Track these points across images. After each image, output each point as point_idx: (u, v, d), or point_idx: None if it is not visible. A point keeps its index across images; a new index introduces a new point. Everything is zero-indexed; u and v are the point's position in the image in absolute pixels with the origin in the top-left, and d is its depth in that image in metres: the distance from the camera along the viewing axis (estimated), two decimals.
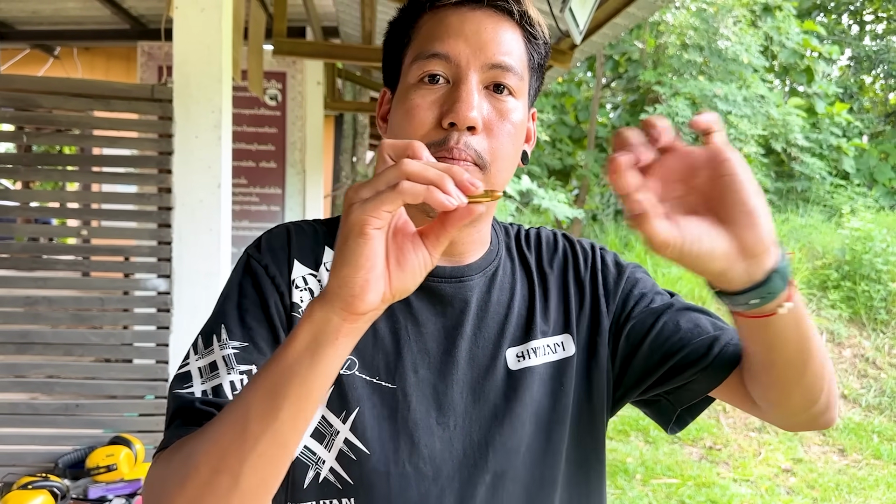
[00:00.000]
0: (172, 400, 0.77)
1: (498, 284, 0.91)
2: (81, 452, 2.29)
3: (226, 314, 0.81)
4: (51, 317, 2.43)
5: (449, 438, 0.83)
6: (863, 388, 6.28)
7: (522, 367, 0.88)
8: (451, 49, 0.80)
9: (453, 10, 0.82)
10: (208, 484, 0.63)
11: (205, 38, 2.32)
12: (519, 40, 0.84)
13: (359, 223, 0.57)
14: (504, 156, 0.82)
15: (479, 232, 0.90)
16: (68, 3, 5.57)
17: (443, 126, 0.79)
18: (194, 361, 0.79)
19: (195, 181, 2.35)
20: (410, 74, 0.83)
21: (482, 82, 0.81)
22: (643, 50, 11.24)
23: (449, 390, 0.84)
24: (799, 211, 9.37)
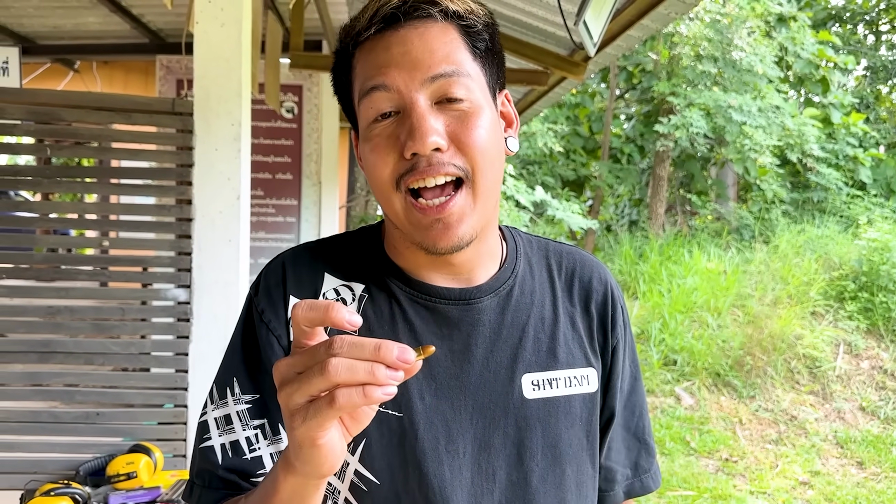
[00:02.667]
0: (198, 454, 0.83)
1: (513, 306, 0.88)
2: (102, 460, 2.32)
3: (235, 366, 0.84)
4: (72, 326, 2.46)
5: (459, 467, 0.82)
6: (881, 401, 6.22)
7: (540, 397, 0.85)
8: (387, 78, 0.78)
9: (377, 38, 0.80)
10: None
11: (224, 53, 2.36)
12: (452, 39, 0.80)
13: (308, 441, 0.59)
14: (484, 158, 0.79)
15: (485, 245, 0.87)
16: (89, 18, 5.66)
17: (406, 157, 0.77)
18: (211, 412, 0.84)
19: (215, 193, 2.38)
20: (361, 116, 0.81)
21: (431, 98, 0.78)
22: (657, 61, 11.24)
23: (458, 416, 0.82)
24: (815, 222, 9.31)
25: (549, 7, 3.69)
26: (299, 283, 0.85)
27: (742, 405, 6.08)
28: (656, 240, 9.10)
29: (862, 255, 7.49)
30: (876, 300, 7.02)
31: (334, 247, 0.90)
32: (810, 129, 9.88)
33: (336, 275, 0.87)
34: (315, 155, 5.99)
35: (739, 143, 9.45)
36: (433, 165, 0.76)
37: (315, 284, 0.86)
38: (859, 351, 6.71)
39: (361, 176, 10.59)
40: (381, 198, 0.81)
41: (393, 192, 0.79)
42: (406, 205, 0.79)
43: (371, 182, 0.82)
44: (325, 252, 0.89)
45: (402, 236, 0.83)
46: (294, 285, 0.85)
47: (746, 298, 7.11)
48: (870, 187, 10.88)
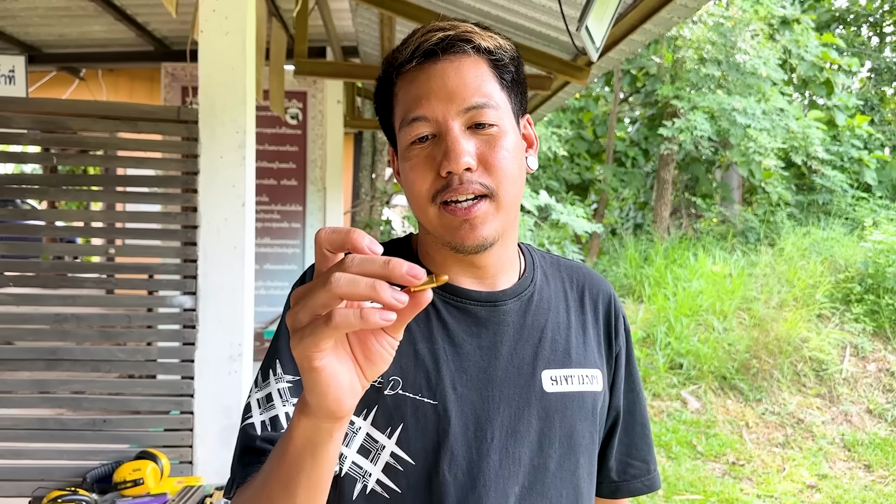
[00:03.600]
0: (240, 434, 0.89)
1: (533, 309, 0.98)
2: (109, 467, 2.33)
3: (279, 351, 0.91)
4: (78, 334, 2.48)
5: (486, 451, 0.90)
6: (888, 403, 6.19)
7: (557, 391, 0.95)
8: (427, 110, 0.88)
9: (418, 70, 0.90)
10: None
11: (229, 61, 2.38)
12: (483, 72, 0.90)
13: (306, 360, 0.60)
14: (507, 177, 0.89)
15: (504, 253, 0.97)
16: (94, 27, 5.70)
17: (441, 175, 0.88)
18: (254, 394, 0.91)
19: (220, 200, 2.39)
20: (402, 139, 0.92)
21: (464, 125, 0.89)
22: (661, 64, 11.24)
23: (486, 405, 0.91)
24: (820, 224, 9.29)
25: (551, 12, 3.70)
26: None
27: (748, 408, 6.06)
28: (661, 243, 9.09)
29: (868, 258, 7.47)
30: (882, 302, 6.99)
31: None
32: (815, 131, 9.86)
33: None
34: (320, 161, 6.01)
35: (744, 146, 9.44)
36: (464, 184, 0.87)
37: None
38: (866, 353, 6.68)
39: (366, 181, 10.61)
40: (418, 209, 0.91)
41: (429, 205, 0.90)
42: (439, 212, 0.89)
43: (409, 195, 0.92)
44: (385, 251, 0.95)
45: (435, 241, 0.94)
46: None
47: (752, 301, 7.09)
48: (875, 189, 10.84)
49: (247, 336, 2.47)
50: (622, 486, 1.08)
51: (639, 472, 1.09)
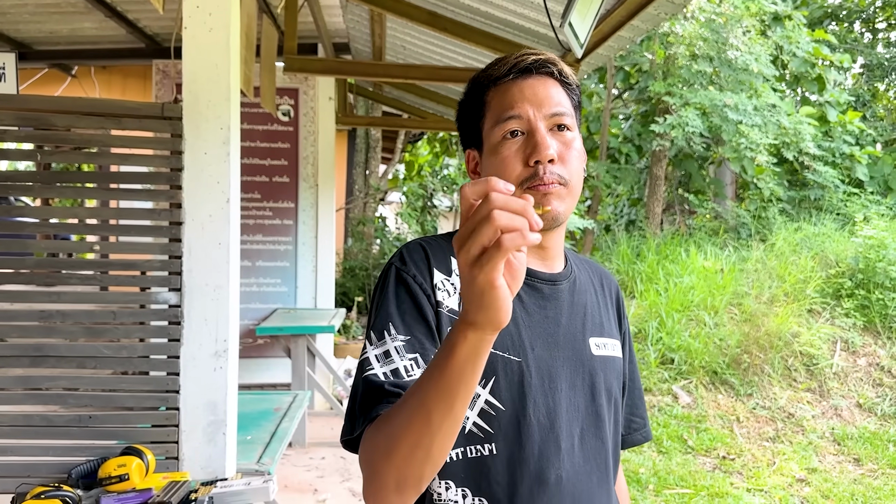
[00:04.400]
0: (363, 382, 1.02)
1: (578, 290, 1.21)
2: (94, 463, 2.34)
3: (391, 314, 1.06)
4: (64, 330, 2.48)
5: (558, 399, 1.11)
6: (878, 398, 6.22)
7: (602, 354, 1.18)
8: (521, 110, 1.10)
9: (512, 83, 1.12)
10: (409, 456, 0.88)
11: (213, 57, 2.38)
12: (561, 90, 1.13)
13: (488, 281, 0.75)
14: (576, 173, 1.12)
15: (561, 239, 1.21)
16: (84, 24, 5.69)
17: (529, 164, 1.08)
18: (371, 350, 1.05)
19: (205, 196, 2.40)
20: (494, 135, 1.12)
21: (547, 127, 1.10)
22: (653, 61, 11.25)
23: (555, 363, 1.12)
24: (812, 219, 9.31)
25: (539, 8, 3.71)
26: (438, 260, 1.12)
27: (739, 403, 6.08)
28: (653, 239, 9.11)
29: (858, 253, 7.50)
30: (872, 297, 7.02)
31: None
32: (807, 127, 9.87)
33: None
34: (312, 158, 6.01)
35: (736, 142, 9.45)
36: (547, 174, 1.07)
37: (448, 263, 1.12)
38: (856, 348, 6.71)
39: (360, 178, 10.59)
40: None
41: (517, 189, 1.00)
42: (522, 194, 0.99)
43: None
44: (447, 243, 1.15)
45: None
46: (434, 261, 1.12)
47: (743, 297, 7.12)
48: (867, 185, 10.86)
49: (232, 332, 2.47)
50: (626, 438, 1.32)
51: (638, 426, 1.34)
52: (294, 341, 5.11)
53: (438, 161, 14.32)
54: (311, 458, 4.81)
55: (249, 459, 2.67)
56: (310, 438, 5.06)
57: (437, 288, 1.10)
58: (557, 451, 1.09)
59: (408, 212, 9.14)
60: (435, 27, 4.08)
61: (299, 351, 5.10)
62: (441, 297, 1.09)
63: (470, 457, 1.07)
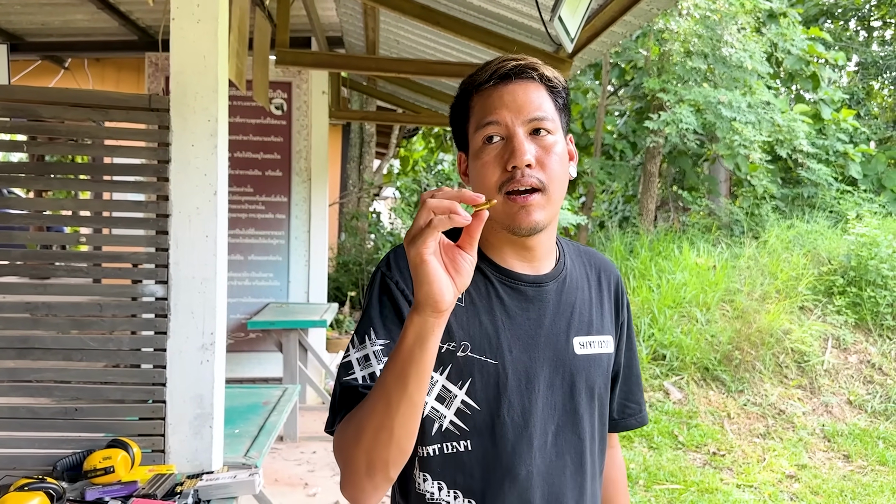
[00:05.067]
0: (340, 385, 1.10)
1: (567, 289, 1.24)
2: (79, 456, 2.32)
3: (372, 319, 1.13)
4: (50, 323, 2.47)
5: (534, 399, 1.16)
6: (868, 395, 6.25)
7: (585, 353, 1.22)
8: (499, 116, 1.13)
9: (493, 88, 1.15)
10: (374, 439, 0.96)
11: (201, 49, 2.37)
12: (543, 94, 1.15)
13: (417, 255, 0.87)
14: (556, 177, 1.13)
15: (548, 241, 1.22)
16: (76, 16, 5.66)
17: (507, 169, 1.11)
18: (353, 354, 1.12)
19: (191, 189, 2.39)
20: (475, 140, 1.16)
21: (527, 132, 1.12)
22: (648, 57, 11.25)
23: (534, 364, 1.17)
24: (805, 217, 9.33)
25: (532, 3, 3.70)
26: None
27: (730, 399, 6.10)
28: (647, 236, 9.12)
29: (850, 251, 7.52)
30: (864, 295, 7.04)
31: None
32: (800, 125, 9.88)
33: None
34: (305, 152, 5.99)
35: (729, 139, 9.45)
36: (525, 177, 1.10)
37: None
38: (847, 345, 6.74)
39: (354, 173, 10.58)
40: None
41: (496, 194, 1.12)
42: (503, 201, 1.12)
43: (479, 186, 1.15)
44: None
45: (494, 226, 1.16)
46: None
47: (735, 293, 7.13)
48: (860, 183, 10.89)
49: (219, 326, 2.47)
50: (620, 422, 1.38)
51: (633, 412, 1.39)
52: (286, 336, 5.10)
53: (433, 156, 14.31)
54: (302, 452, 4.81)
55: (237, 453, 2.67)
56: (301, 433, 5.06)
57: None
58: (530, 448, 1.15)
59: (402, 207, 9.13)
60: (428, 21, 4.07)
61: (291, 345, 5.09)
62: None
63: (447, 453, 1.15)
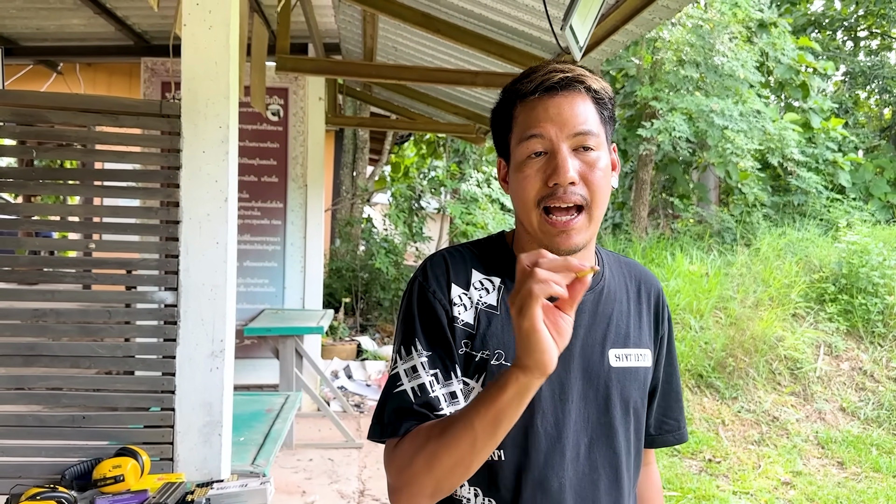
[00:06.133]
0: (392, 399, 1.10)
1: (604, 300, 1.22)
2: (88, 464, 2.31)
3: (416, 330, 1.13)
4: (57, 329, 2.45)
5: (568, 410, 1.15)
6: (861, 401, 6.30)
7: (621, 366, 1.19)
8: (544, 130, 1.10)
9: (538, 99, 1.11)
10: (451, 471, 1.00)
11: (212, 55, 2.36)
12: (589, 106, 1.12)
13: (530, 325, 0.88)
14: (599, 193, 1.11)
15: (588, 253, 1.19)
16: (73, 20, 5.62)
17: (549, 185, 1.09)
18: (401, 365, 1.12)
19: (202, 195, 2.38)
20: (518, 152, 1.13)
21: (571, 147, 1.09)
22: (640, 66, 11.32)
23: (568, 375, 1.15)
24: (796, 225, 9.41)
25: (535, 12, 3.72)
26: (457, 274, 1.16)
27: (725, 406, 6.13)
28: (639, 243, 9.16)
29: (841, 258, 7.59)
30: (855, 302, 7.11)
31: (475, 250, 1.23)
32: (791, 133, 9.98)
33: (480, 270, 1.19)
34: (301, 158, 5.98)
35: (721, 147, 9.53)
36: (567, 194, 1.08)
37: (467, 276, 1.17)
38: (839, 352, 6.79)
39: (347, 178, 10.56)
40: (523, 211, 1.14)
41: (534, 209, 1.11)
42: (541, 219, 1.11)
43: (518, 199, 1.14)
44: (470, 253, 1.20)
45: (532, 240, 1.15)
46: (454, 275, 1.16)
47: (728, 301, 7.17)
48: (849, 191, 11.01)
49: (229, 333, 2.46)
50: (657, 438, 1.35)
51: (671, 429, 1.35)
52: (282, 342, 5.08)
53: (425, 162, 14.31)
54: (299, 459, 4.79)
55: (243, 461, 2.65)
56: (297, 440, 5.03)
57: (454, 303, 1.14)
58: (562, 460, 1.14)
59: (395, 213, 9.13)
60: (428, 28, 4.08)
61: (287, 352, 5.07)
62: (457, 312, 1.14)
63: None
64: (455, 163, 11.97)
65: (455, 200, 10.23)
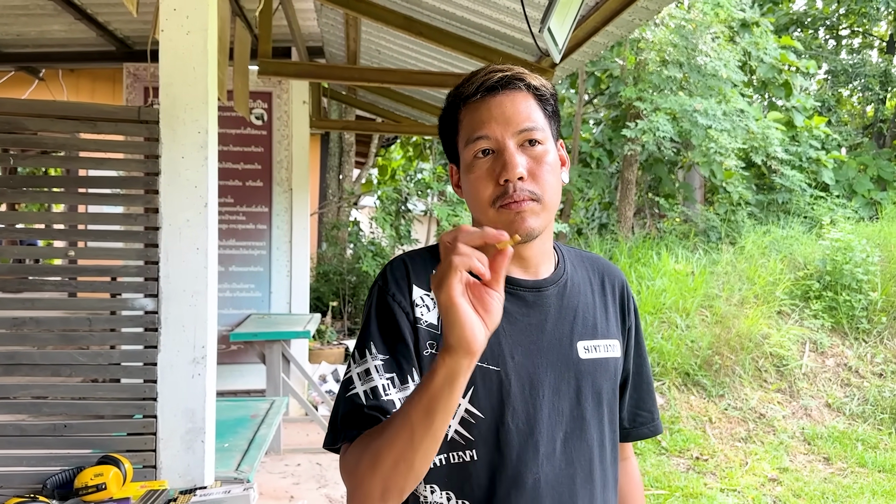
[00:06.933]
0: (344, 403, 1.09)
1: (568, 293, 1.22)
2: (70, 473, 2.29)
3: (371, 334, 1.12)
4: (38, 338, 2.43)
5: (539, 405, 1.14)
6: (846, 397, 6.35)
7: (590, 358, 1.20)
8: (489, 130, 1.12)
9: (481, 101, 1.13)
10: (394, 468, 0.97)
11: (190, 60, 2.36)
12: (532, 103, 1.14)
13: (447, 299, 0.87)
14: (550, 186, 1.13)
15: (543, 246, 1.20)
16: (53, 26, 5.59)
17: (500, 183, 1.10)
18: (354, 369, 1.11)
19: (182, 201, 2.37)
20: (466, 154, 1.15)
21: (517, 143, 1.11)
22: (624, 66, 11.37)
23: (537, 370, 1.15)
24: (780, 223, 9.47)
25: (515, 14, 3.73)
26: (418, 276, 1.16)
27: (711, 404, 6.16)
28: (625, 243, 9.20)
29: (826, 255, 7.64)
30: (840, 299, 7.16)
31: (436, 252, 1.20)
32: (774, 132, 10.05)
33: None
34: (286, 162, 5.97)
35: (705, 147, 9.59)
36: (517, 191, 1.09)
37: (428, 278, 1.15)
38: (824, 349, 6.84)
39: (333, 182, 10.55)
40: (480, 211, 1.14)
41: (489, 208, 1.12)
42: (497, 213, 1.12)
43: (472, 199, 1.15)
44: (430, 255, 1.20)
45: None
46: (414, 277, 1.16)
47: (714, 299, 7.21)
48: (832, 189, 11.09)
49: (210, 339, 2.45)
50: (632, 431, 1.35)
51: (645, 420, 1.36)
52: (269, 347, 5.06)
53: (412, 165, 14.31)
54: (287, 464, 4.77)
55: (227, 467, 2.64)
56: (285, 445, 5.02)
57: (416, 304, 1.14)
58: (536, 456, 1.13)
59: (382, 216, 9.12)
60: (411, 32, 4.08)
61: (274, 357, 5.05)
62: (420, 313, 1.14)
63: (453, 462, 1.14)
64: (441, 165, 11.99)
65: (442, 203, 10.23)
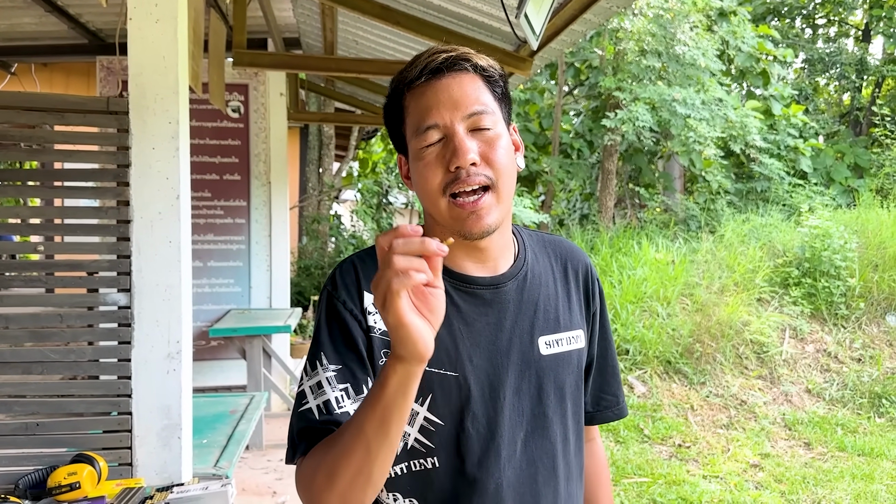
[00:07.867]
0: (297, 418, 1.06)
1: (528, 286, 1.17)
2: (42, 472, 2.25)
3: (323, 344, 1.07)
4: (8, 335, 2.38)
5: (500, 407, 1.11)
6: (826, 383, 6.41)
7: (552, 353, 1.16)
8: (437, 117, 1.05)
9: (426, 84, 1.07)
10: (352, 483, 0.93)
11: (160, 50, 2.31)
12: (480, 85, 1.08)
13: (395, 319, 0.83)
14: (504, 170, 1.07)
15: (502, 239, 1.15)
16: (24, 19, 5.48)
17: (451, 170, 1.05)
18: (306, 382, 1.07)
19: (153, 193, 2.32)
20: (415, 143, 1.08)
21: (467, 128, 1.05)
22: (603, 57, 11.38)
23: (497, 371, 1.11)
24: (759, 210, 9.54)
25: (493, 2, 3.70)
26: (369, 280, 1.09)
27: (693, 391, 6.20)
28: (606, 233, 9.22)
29: (804, 242, 7.70)
30: (819, 285, 7.22)
31: None
32: (752, 120, 10.11)
33: None
34: (263, 155, 5.90)
35: (684, 136, 9.62)
36: (470, 176, 1.04)
37: None
38: (804, 335, 6.90)
39: (313, 175, 10.47)
40: (430, 202, 1.08)
41: (440, 197, 1.06)
42: (449, 205, 1.06)
43: (422, 190, 1.08)
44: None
45: (444, 230, 1.08)
46: (365, 282, 1.10)
47: (694, 287, 7.25)
48: (810, 176, 11.19)
49: (185, 334, 2.41)
50: (596, 415, 1.32)
51: (609, 404, 1.33)
52: (249, 342, 5.02)
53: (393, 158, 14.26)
54: (269, 460, 4.73)
55: (206, 463, 2.61)
56: (267, 440, 4.97)
57: (368, 312, 1.09)
58: (497, 460, 1.10)
59: (363, 209, 9.08)
60: (388, 21, 4.04)
61: (255, 352, 5.01)
62: (373, 321, 1.09)
63: (414, 470, 1.11)
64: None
65: None
